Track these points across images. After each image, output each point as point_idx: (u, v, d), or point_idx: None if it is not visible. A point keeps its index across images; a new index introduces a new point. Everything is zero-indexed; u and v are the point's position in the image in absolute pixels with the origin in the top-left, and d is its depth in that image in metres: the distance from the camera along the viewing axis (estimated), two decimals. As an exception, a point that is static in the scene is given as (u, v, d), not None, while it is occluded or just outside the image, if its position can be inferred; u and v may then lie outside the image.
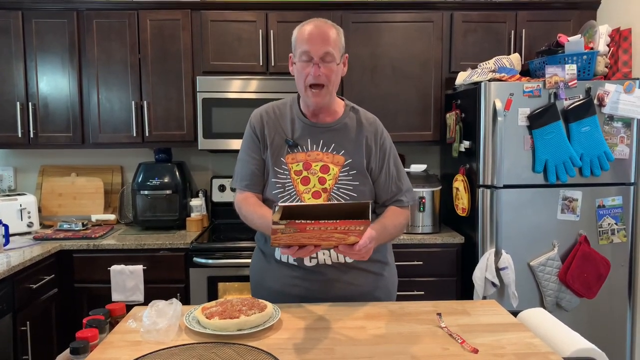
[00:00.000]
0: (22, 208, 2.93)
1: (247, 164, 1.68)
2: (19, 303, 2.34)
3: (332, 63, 1.57)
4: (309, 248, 1.32)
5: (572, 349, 1.26)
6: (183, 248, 2.73)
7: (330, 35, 1.57)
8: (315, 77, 1.56)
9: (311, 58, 1.56)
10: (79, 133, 3.02)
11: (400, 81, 3.05)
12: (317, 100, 1.60)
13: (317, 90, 1.58)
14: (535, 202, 2.62)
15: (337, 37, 1.59)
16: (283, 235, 1.23)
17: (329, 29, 1.58)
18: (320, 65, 1.56)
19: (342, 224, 1.20)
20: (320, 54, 1.55)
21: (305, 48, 1.56)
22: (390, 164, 1.69)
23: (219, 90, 2.93)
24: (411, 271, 2.75)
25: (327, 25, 1.59)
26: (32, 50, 2.96)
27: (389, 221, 1.62)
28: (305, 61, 1.57)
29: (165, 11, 2.98)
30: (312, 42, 1.55)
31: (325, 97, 1.60)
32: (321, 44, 1.55)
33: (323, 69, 1.56)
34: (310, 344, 1.29)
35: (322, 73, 1.56)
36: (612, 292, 2.66)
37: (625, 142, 2.62)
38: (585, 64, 2.66)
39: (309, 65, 1.57)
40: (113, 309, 1.45)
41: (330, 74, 1.57)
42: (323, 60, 1.56)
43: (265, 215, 1.55)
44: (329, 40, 1.56)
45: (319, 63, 1.56)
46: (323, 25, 1.59)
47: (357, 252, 1.33)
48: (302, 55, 1.57)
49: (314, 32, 1.56)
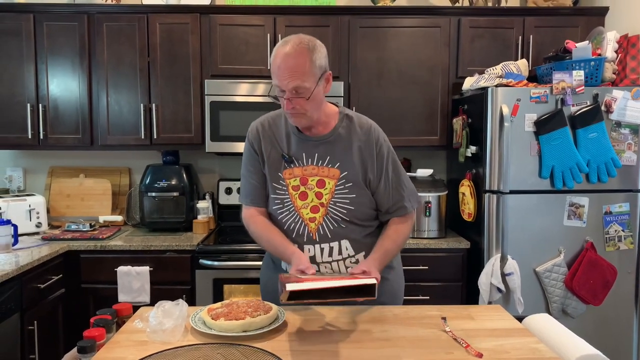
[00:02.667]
0: (31, 208, 2.95)
1: (249, 179, 1.69)
2: (27, 302, 2.36)
3: (304, 95, 1.49)
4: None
5: (577, 354, 1.26)
6: (189, 250, 2.75)
7: (299, 67, 1.46)
8: (289, 110, 1.52)
9: (283, 91, 1.50)
10: (88, 135, 3.04)
11: (407, 86, 3.06)
12: (297, 122, 1.58)
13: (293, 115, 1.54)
14: (542, 208, 2.61)
15: (309, 65, 1.48)
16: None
17: (299, 57, 1.47)
18: (292, 100, 1.50)
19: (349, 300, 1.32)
20: (289, 88, 1.48)
21: (276, 82, 1.50)
22: (389, 171, 1.65)
23: (226, 94, 2.95)
24: (417, 276, 2.74)
25: (298, 51, 1.47)
26: (43, 52, 3.00)
27: (390, 243, 1.62)
28: (280, 92, 1.51)
29: (175, 15, 3.01)
30: (281, 77, 1.48)
31: (304, 121, 1.57)
32: (289, 78, 1.47)
33: (295, 102, 1.50)
34: (315, 347, 1.30)
35: (294, 105, 1.50)
36: (618, 299, 2.65)
37: (632, 148, 2.61)
38: (592, 70, 2.66)
39: (282, 96, 1.51)
40: (120, 309, 1.46)
41: (304, 104, 1.51)
42: (296, 92, 1.48)
43: (272, 240, 1.62)
44: (298, 73, 1.46)
45: (290, 98, 1.49)
46: (293, 53, 1.47)
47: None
48: (276, 88, 1.51)
49: (281, 65, 1.47)
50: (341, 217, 1.61)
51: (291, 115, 1.55)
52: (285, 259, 1.60)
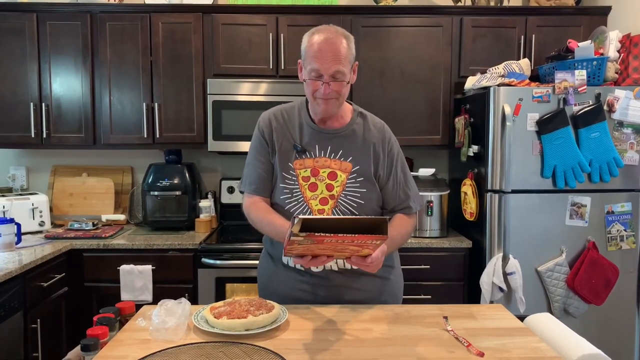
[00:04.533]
0: (34, 207, 2.97)
1: (256, 168, 1.67)
2: (30, 301, 2.37)
3: (342, 81, 1.53)
4: (321, 258, 1.33)
5: (578, 354, 1.26)
6: (192, 249, 2.75)
7: (340, 51, 1.51)
8: (325, 94, 1.54)
9: (321, 75, 1.52)
10: (91, 134, 3.05)
11: (409, 85, 3.06)
12: (325, 109, 1.58)
13: (326, 100, 1.56)
14: (544, 207, 2.61)
15: (347, 51, 1.53)
16: (299, 246, 1.24)
17: (339, 42, 1.52)
18: (330, 83, 1.52)
19: (360, 238, 1.20)
20: (330, 73, 1.51)
21: (315, 66, 1.51)
22: (398, 170, 1.68)
23: (229, 93, 2.96)
24: (418, 275, 2.75)
25: (337, 37, 1.53)
26: (46, 51, 3.01)
27: (397, 232, 1.61)
28: (315, 78, 1.53)
29: (177, 14, 3.02)
30: (321, 60, 1.50)
31: (334, 107, 1.59)
32: (331, 62, 1.50)
33: (333, 85, 1.53)
34: (317, 345, 1.30)
35: (332, 90, 1.53)
36: (620, 298, 2.65)
37: (635, 148, 2.61)
38: (595, 70, 2.65)
39: (318, 82, 1.53)
40: (123, 307, 1.47)
41: (340, 89, 1.54)
42: (333, 77, 1.52)
43: (275, 222, 1.57)
44: (340, 57, 1.51)
45: (329, 82, 1.52)
46: (334, 38, 1.52)
47: (368, 264, 1.34)
48: (312, 72, 1.53)
49: (323, 49, 1.50)
50: (350, 211, 1.61)
51: (324, 100, 1.55)
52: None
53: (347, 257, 1.36)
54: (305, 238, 1.18)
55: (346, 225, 1.21)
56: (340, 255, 1.34)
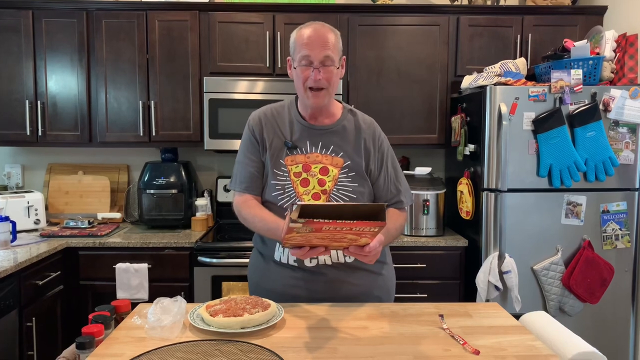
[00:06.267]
0: (30, 205, 2.96)
1: (246, 167, 1.68)
2: (25, 299, 2.36)
3: (332, 67, 1.58)
4: (319, 249, 1.33)
5: (573, 352, 1.26)
6: (188, 247, 2.75)
7: (329, 39, 1.57)
8: (316, 82, 1.57)
9: (311, 62, 1.57)
10: (87, 132, 3.04)
11: (406, 84, 3.06)
12: (316, 101, 1.61)
13: (317, 92, 1.59)
14: (540, 206, 2.62)
15: (335, 41, 1.60)
16: (297, 235, 1.24)
17: (327, 32, 1.58)
18: (320, 70, 1.57)
19: (359, 224, 1.20)
20: (320, 58, 1.56)
21: (305, 53, 1.57)
22: (389, 165, 1.71)
23: (225, 91, 2.95)
24: (414, 274, 2.75)
25: (325, 28, 1.59)
26: (42, 49, 2.99)
27: (392, 224, 1.62)
28: (305, 65, 1.58)
29: (174, 12, 3.01)
30: (311, 47, 1.56)
31: (324, 99, 1.62)
32: (320, 48, 1.56)
33: (323, 72, 1.57)
34: (313, 343, 1.30)
35: (322, 77, 1.57)
36: (615, 297, 2.66)
37: (630, 147, 2.62)
38: (591, 69, 2.66)
39: (308, 69, 1.57)
40: (118, 305, 1.46)
41: (330, 77, 1.59)
42: (323, 64, 1.57)
43: (266, 219, 1.58)
44: (328, 44, 1.57)
45: (319, 67, 1.57)
46: (321, 28, 1.59)
47: (366, 253, 1.34)
48: (302, 60, 1.58)
49: (312, 36, 1.57)
50: None
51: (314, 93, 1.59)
52: (278, 236, 1.58)
53: (344, 248, 1.35)
54: (304, 225, 1.18)
55: (344, 212, 1.21)
56: (338, 245, 1.34)
